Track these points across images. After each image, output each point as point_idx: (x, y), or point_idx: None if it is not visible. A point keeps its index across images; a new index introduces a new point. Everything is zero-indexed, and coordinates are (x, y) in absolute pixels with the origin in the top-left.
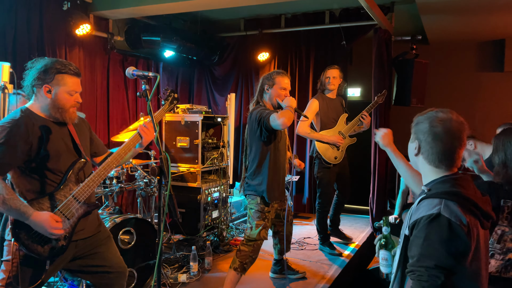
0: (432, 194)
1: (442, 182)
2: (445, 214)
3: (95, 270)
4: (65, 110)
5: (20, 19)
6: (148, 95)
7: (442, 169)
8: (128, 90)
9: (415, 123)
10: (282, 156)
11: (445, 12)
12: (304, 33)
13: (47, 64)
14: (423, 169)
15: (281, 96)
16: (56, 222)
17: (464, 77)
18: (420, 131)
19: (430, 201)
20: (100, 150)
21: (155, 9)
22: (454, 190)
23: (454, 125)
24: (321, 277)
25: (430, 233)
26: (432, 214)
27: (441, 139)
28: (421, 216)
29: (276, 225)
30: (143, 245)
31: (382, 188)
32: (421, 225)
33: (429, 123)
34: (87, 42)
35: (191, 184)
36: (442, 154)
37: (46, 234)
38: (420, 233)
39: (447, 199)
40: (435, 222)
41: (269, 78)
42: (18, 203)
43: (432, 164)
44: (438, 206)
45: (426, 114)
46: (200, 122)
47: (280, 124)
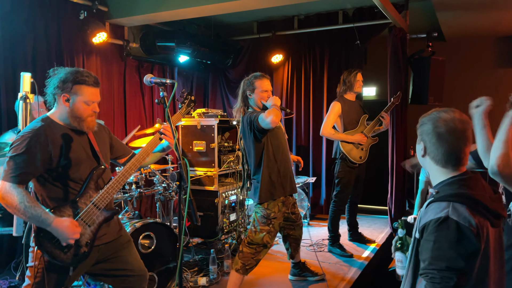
0: (440, 197)
1: (449, 184)
2: (453, 217)
3: (117, 273)
4: (82, 120)
5: (39, 29)
6: (166, 102)
7: (449, 169)
8: (145, 96)
9: (420, 124)
10: (284, 154)
11: (461, 8)
12: (318, 33)
13: (66, 73)
14: (431, 170)
15: (264, 98)
16: (75, 227)
17: (482, 74)
18: (424, 132)
19: (438, 205)
20: (124, 152)
21: (169, 15)
22: (461, 192)
23: (458, 124)
24: (341, 279)
25: (440, 236)
26: (441, 218)
27: (446, 139)
28: (429, 219)
29: (285, 229)
30: (162, 249)
31: (400, 188)
32: (430, 229)
33: (432, 124)
34: (104, 50)
35: (208, 187)
36: (448, 154)
37: (64, 241)
38: (429, 236)
39: (455, 202)
40: (444, 225)
41: (249, 84)
42: (39, 211)
43: (439, 165)
44: (446, 209)
45: (430, 115)
46: (216, 126)
47: (269, 123)
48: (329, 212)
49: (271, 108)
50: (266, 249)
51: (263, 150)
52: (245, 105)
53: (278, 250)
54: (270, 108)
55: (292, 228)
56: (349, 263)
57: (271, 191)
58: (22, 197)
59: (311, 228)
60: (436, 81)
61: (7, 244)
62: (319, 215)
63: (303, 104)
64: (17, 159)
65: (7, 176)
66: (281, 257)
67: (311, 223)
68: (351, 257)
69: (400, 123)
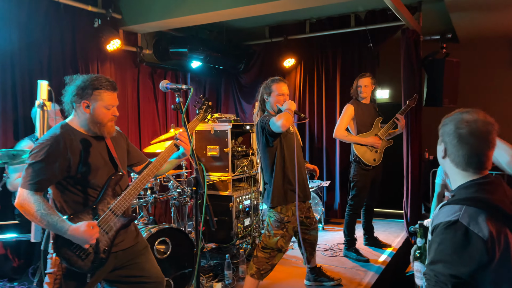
0: (454, 200)
1: (466, 188)
2: (464, 222)
3: (134, 280)
4: (103, 125)
5: (54, 37)
6: (183, 108)
7: (469, 172)
8: (158, 102)
9: (442, 124)
10: (298, 160)
11: (475, 9)
12: (330, 37)
13: (85, 80)
14: (450, 172)
15: (280, 101)
16: (91, 229)
17: (497, 75)
18: (446, 133)
19: (451, 207)
20: (139, 159)
21: (181, 21)
22: (477, 196)
23: (481, 126)
24: (357, 284)
25: (445, 238)
26: (451, 221)
27: (467, 141)
28: (440, 221)
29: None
30: (178, 255)
31: (416, 191)
32: (438, 230)
33: (454, 124)
34: (118, 57)
35: (222, 192)
36: (469, 157)
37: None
38: (436, 238)
39: (468, 206)
40: (452, 228)
41: (267, 87)
42: (55, 218)
43: (459, 167)
44: (458, 212)
45: (452, 115)
46: (229, 131)
47: (279, 126)
48: (344, 216)
49: (283, 112)
50: (281, 254)
51: (275, 155)
52: (262, 109)
53: (294, 255)
54: (283, 111)
55: (307, 232)
56: (365, 267)
57: (283, 196)
58: (40, 204)
59: (326, 233)
60: (450, 83)
61: (25, 250)
62: (333, 219)
63: (316, 107)
64: (35, 167)
65: (25, 184)
66: (296, 262)
67: (326, 227)
68: (367, 262)
69: (414, 125)
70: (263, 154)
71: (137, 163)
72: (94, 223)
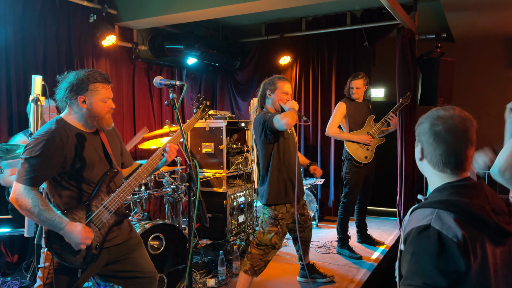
0: (426, 203)
1: (440, 190)
2: (436, 226)
3: (127, 275)
4: (101, 118)
5: (49, 33)
6: (176, 104)
7: (447, 174)
8: (153, 98)
9: (418, 124)
10: (293, 159)
11: (470, 8)
12: (326, 35)
13: (79, 76)
14: (428, 175)
15: (283, 100)
16: (87, 232)
17: (492, 74)
18: (421, 132)
19: (422, 211)
20: (127, 161)
21: (178, 17)
22: (451, 199)
23: (458, 122)
24: (350, 281)
25: (419, 247)
26: (421, 226)
27: (444, 138)
28: (411, 228)
29: (295, 231)
30: (172, 250)
31: (409, 189)
32: (410, 239)
33: (430, 122)
34: (113, 52)
35: (216, 189)
36: (447, 156)
37: (76, 246)
38: (408, 247)
39: (441, 209)
40: (424, 234)
41: (271, 83)
42: (53, 214)
43: (436, 169)
44: (429, 216)
45: (428, 113)
46: (224, 128)
47: (284, 124)
48: (338, 213)
49: (287, 111)
50: (275, 250)
51: (272, 152)
52: (261, 105)
53: (287, 252)
54: (287, 111)
55: (301, 230)
56: (358, 264)
57: (278, 194)
58: (36, 200)
59: (320, 230)
60: (445, 82)
61: (19, 245)
62: (327, 216)
63: (311, 105)
64: (31, 162)
65: (21, 178)
66: (289, 258)
67: (320, 224)
68: (360, 259)
69: (409, 124)
70: (260, 150)
71: (124, 165)
72: (89, 229)
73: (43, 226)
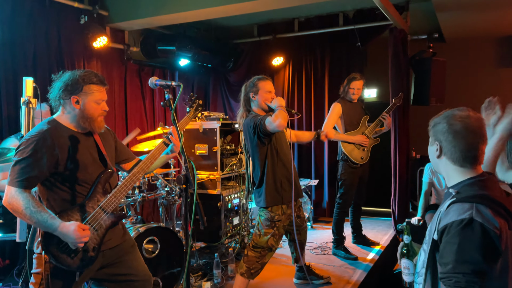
0: (462, 198)
1: (470, 185)
2: (478, 219)
3: (121, 278)
4: (93, 119)
5: (40, 34)
6: (172, 104)
7: (467, 168)
8: (146, 100)
9: (432, 125)
10: (287, 158)
11: (462, 8)
12: (318, 36)
13: (74, 75)
14: (446, 170)
15: (268, 99)
16: (83, 230)
17: (483, 74)
18: (439, 131)
19: (461, 206)
20: (128, 156)
21: (169, 18)
22: (483, 193)
23: (473, 121)
24: (346, 282)
25: (465, 239)
26: (464, 219)
27: (463, 136)
28: (451, 221)
29: (291, 233)
30: (167, 254)
31: (404, 190)
32: (453, 231)
33: (447, 122)
34: (104, 54)
35: (211, 191)
36: (467, 151)
37: (73, 245)
38: (453, 239)
39: (478, 203)
40: (469, 227)
41: (252, 85)
42: (45, 216)
43: (456, 164)
44: (470, 210)
45: (442, 114)
46: (218, 129)
47: (277, 126)
48: (333, 214)
49: (277, 110)
50: (271, 253)
51: (266, 154)
52: (247, 109)
53: (283, 254)
54: (276, 110)
55: (297, 232)
56: (354, 265)
57: (275, 195)
58: (28, 202)
59: (315, 231)
60: (437, 82)
61: (10, 250)
62: (322, 217)
63: (304, 106)
64: (23, 163)
65: (13, 181)
66: (285, 260)
67: (315, 226)
68: (356, 260)
69: (402, 124)
70: (254, 153)
71: (124, 160)
72: (86, 226)
73: (37, 229)
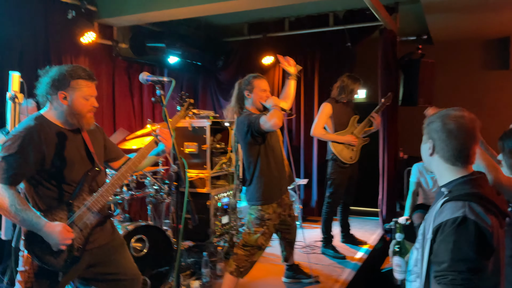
0: (455, 196)
1: (462, 184)
2: (471, 217)
3: (110, 277)
4: (82, 116)
5: (26, 29)
6: (163, 101)
7: (458, 167)
8: (134, 97)
9: (427, 123)
10: (278, 156)
11: (450, 10)
12: (309, 35)
13: (61, 71)
14: (438, 169)
15: (263, 98)
16: (68, 232)
17: (470, 76)
18: (433, 130)
19: (454, 204)
20: (117, 155)
21: (159, 15)
22: (475, 192)
23: (467, 121)
24: (335, 281)
25: (459, 237)
26: (458, 217)
27: (456, 135)
28: (445, 219)
29: (282, 232)
30: (155, 252)
31: (391, 189)
32: (447, 230)
33: (442, 121)
34: (92, 50)
35: (200, 189)
36: (458, 151)
37: (56, 246)
38: (447, 237)
39: (471, 201)
40: (463, 226)
41: (247, 83)
42: (31, 214)
43: (448, 162)
44: (463, 209)
45: (438, 113)
46: (208, 128)
47: (272, 126)
48: (321, 213)
49: (272, 109)
50: (261, 251)
51: (259, 152)
52: (240, 106)
53: (271, 253)
54: (271, 109)
55: (288, 231)
56: (342, 264)
57: (265, 194)
58: (14, 199)
59: (303, 230)
60: (426, 83)
61: None
62: (310, 216)
63: (294, 105)
64: (9, 160)
65: None
66: (274, 259)
67: (303, 225)
68: (344, 259)
69: (391, 124)
70: (246, 152)
71: (114, 159)
72: (70, 228)
73: (22, 227)
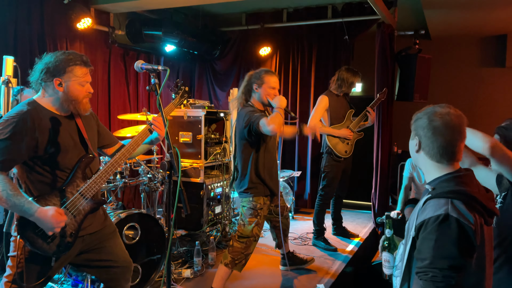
0: (438, 193)
1: (446, 181)
2: (453, 215)
3: (101, 264)
4: (78, 102)
5: (21, 13)
6: (158, 89)
7: (444, 164)
8: (130, 84)
9: (414, 119)
10: (272, 153)
11: (448, 6)
12: (306, 27)
13: (56, 57)
14: (424, 165)
15: (270, 95)
16: (60, 215)
17: (466, 73)
18: (419, 126)
19: (437, 201)
20: (110, 141)
21: (156, 2)
22: (459, 189)
23: (453, 118)
24: (325, 272)
25: (441, 234)
26: (440, 215)
27: (441, 132)
28: (428, 217)
29: (272, 221)
30: (147, 241)
31: (384, 184)
32: (429, 227)
33: (428, 118)
34: (88, 36)
35: (194, 179)
36: (443, 148)
37: (48, 231)
38: (430, 235)
39: (454, 198)
40: (445, 223)
41: (258, 77)
42: (22, 200)
43: (433, 159)
44: (445, 206)
45: (425, 110)
46: (203, 117)
47: (270, 131)
48: (314, 205)
49: (275, 113)
50: (255, 242)
51: (254, 147)
52: (246, 98)
53: (264, 243)
54: (274, 112)
55: (278, 220)
56: (333, 256)
57: (257, 187)
58: (5, 184)
59: (296, 222)
60: (422, 79)
61: None
62: (303, 208)
63: (290, 97)
64: (1, 145)
65: None
66: (266, 250)
67: (296, 216)
68: (335, 251)
69: (386, 119)
70: (240, 144)
71: (107, 145)
72: (62, 211)
73: (14, 212)
